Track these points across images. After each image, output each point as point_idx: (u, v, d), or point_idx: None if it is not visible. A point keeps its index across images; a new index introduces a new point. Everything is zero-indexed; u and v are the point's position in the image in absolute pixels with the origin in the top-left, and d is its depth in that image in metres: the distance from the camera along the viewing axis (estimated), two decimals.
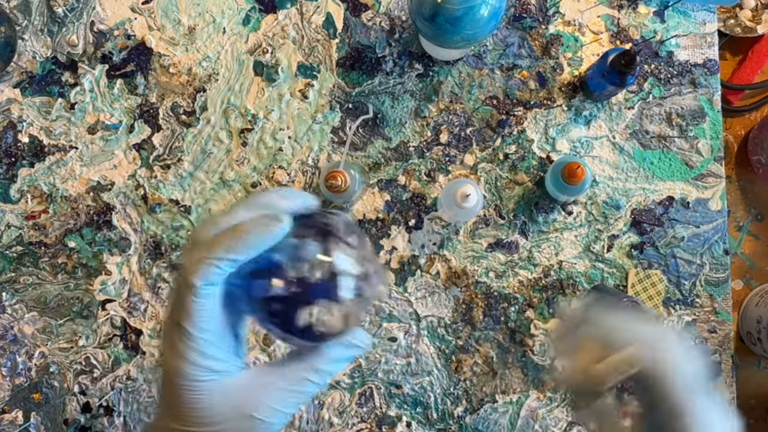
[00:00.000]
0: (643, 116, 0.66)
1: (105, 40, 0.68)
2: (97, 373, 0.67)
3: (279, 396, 0.34)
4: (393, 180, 0.66)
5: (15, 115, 0.68)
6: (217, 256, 0.31)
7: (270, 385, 0.34)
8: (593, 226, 0.66)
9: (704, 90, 0.66)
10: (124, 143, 0.67)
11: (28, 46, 0.68)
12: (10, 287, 0.68)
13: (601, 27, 0.66)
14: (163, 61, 0.67)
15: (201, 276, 0.31)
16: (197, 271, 0.31)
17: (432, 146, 0.66)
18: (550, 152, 0.66)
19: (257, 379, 0.35)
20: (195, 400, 0.33)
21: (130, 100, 0.67)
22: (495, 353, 0.65)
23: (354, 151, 0.66)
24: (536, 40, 0.66)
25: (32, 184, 0.68)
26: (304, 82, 0.67)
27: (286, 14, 0.67)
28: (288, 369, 0.35)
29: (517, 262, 0.66)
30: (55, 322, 0.67)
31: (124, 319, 0.67)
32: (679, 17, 0.66)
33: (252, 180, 0.67)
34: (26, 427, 0.67)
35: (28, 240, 0.67)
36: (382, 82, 0.67)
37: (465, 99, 0.66)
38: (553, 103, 0.66)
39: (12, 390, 0.67)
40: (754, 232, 0.70)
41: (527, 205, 0.66)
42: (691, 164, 0.66)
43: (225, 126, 0.67)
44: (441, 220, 0.66)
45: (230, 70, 0.67)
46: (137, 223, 0.67)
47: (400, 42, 0.67)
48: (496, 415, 0.65)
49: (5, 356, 0.67)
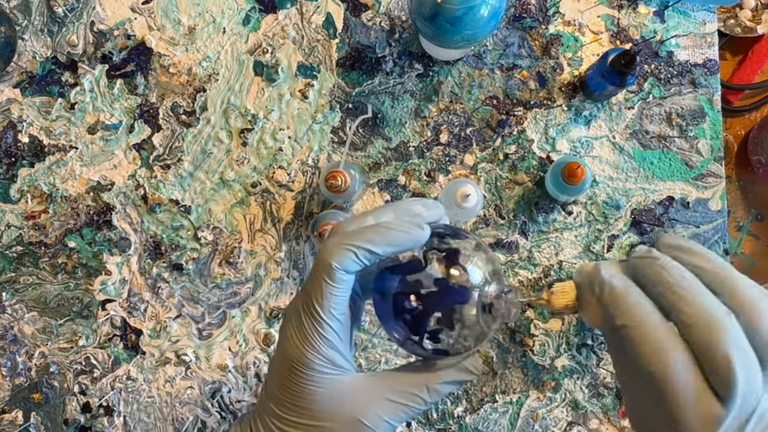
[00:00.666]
0: (643, 116, 0.66)
1: (105, 40, 0.68)
2: (97, 373, 0.67)
3: (389, 407, 0.34)
4: (393, 180, 0.66)
5: (15, 115, 0.68)
6: (356, 243, 0.32)
7: (382, 395, 0.34)
8: (593, 226, 0.66)
9: (704, 90, 0.66)
10: (124, 143, 0.67)
11: (28, 46, 0.68)
12: (10, 287, 0.68)
13: (601, 27, 0.66)
14: (163, 61, 0.67)
15: (338, 260, 0.32)
16: (335, 254, 0.32)
17: (432, 146, 0.66)
18: (550, 152, 0.66)
19: (370, 385, 0.34)
20: (312, 391, 0.33)
21: (130, 100, 0.67)
22: (495, 353, 0.65)
23: (354, 151, 0.66)
24: (536, 40, 0.66)
25: (32, 184, 0.68)
26: (304, 82, 0.67)
27: (286, 14, 0.67)
28: (401, 382, 0.35)
29: (517, 262, 0.66)
30: (55, 322, 0.67)
31: (124, 319, 0.67)
32: (679, 17, 0.66)
33: (252, 180, 0.67)
34: (26, 427, 0.67)
35: (28, 240, 0.67)
36: (382, 82, 0.67)
37: (465, 99, 0.66)
38: (553, 103, 0.66)
39: (12, 390, 0.67)
40: (754, 232, 0.70)
41: (527, 205, 0.66)
42: (691, 164, 0.66)
43: (225, 126, 0.67)
44: None
45: (230, 70, 0.67)
46: (137, 223, 0.67)
47: (400, 42, 0.67)
48: (496, 415, 0.65)
49: (5, 356, 0.67)
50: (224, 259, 0.67)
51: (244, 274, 0.67)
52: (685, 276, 0.28)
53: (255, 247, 0.66)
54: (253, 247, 0.66)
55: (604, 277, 0.29)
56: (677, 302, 0.27)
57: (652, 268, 0.28)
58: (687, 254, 0.29)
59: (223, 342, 0.67)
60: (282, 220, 0.66)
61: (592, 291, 0.30)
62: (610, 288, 0.29)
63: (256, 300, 0.67)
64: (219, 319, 0.67)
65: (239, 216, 0.67)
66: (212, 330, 0.67)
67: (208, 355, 0.67)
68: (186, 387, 0.67)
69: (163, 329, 0.67)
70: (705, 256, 0.28)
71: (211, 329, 0.67)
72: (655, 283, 0.28)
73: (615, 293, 0.28)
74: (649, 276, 0.28)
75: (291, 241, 0.66)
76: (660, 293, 0.28)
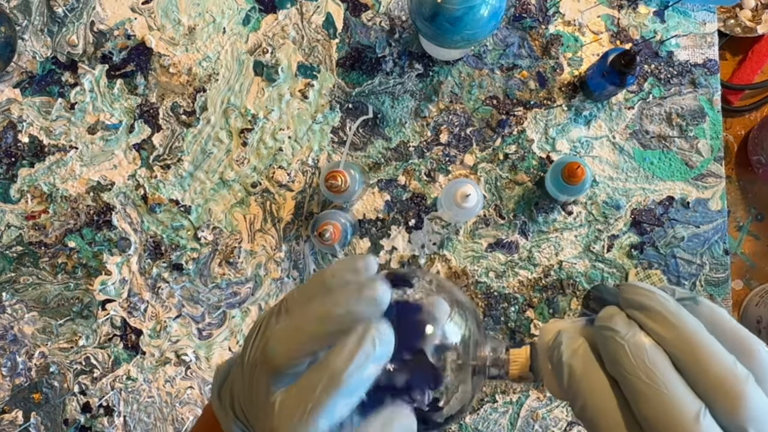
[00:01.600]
0: (643, 116, 0.66)
1: (105, 40, 0.68)
2: (97, 373, 0.67)
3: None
4: (393, 180, 0.66)
5: (15, 115, 0.68)
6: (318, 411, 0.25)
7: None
8: (593, 226, 0.66)
9: (704, 90, 0.66)
10: (124, 143, 0.67)
11: (28, 46, 0.68)
12: (10, 287, 0.68)
13: (601, 27, 0.66)
14: (163, 61, 0.67)
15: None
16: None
17: (432, 146, 0.66)
18: (550, 152, 0.66)
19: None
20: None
21: (130, 100, 0.67)
22: None
23: (354, 151, 0.66)
24: (536, 40, 0.66)
25: (32, 184, 0.68)
26: (304, 82, 0.67)
27: (286, 14, 0.67)
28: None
29: (517, 262, 0.66)
30: (55, 322, 0.67)
31: (124, 319, 0.67)
32: (679, 17, 0.66)
33: (252, 180, 0.67)
34: (26, 427, 0.67)
35: (28, 240, 0.67)
36: (382, 82, 0.67)
37: (465, 99, 0.66)
38: (553, 103, 0.66)
39: (12, 390, 0.67)
40: (754, 232, 0.70)
41: (527, 205, 0.66)
42: (691, 164, 0.66)
43: (225, 126, 0.67)
44: (441, 220, 0.66)
45: (230, 70, 0.67)
46: (137, 223, 0.67)
47: (400, 42, 0.67)
48: (496, 415, 0.65)
49: (5, 356, 0.67)
50: (224, 259, 0.67)
51: (244, 274, 0.67)
52: (645, 362, 0.24)
53: (255, 247, 0.66)
54: (253, 247, 0.66)
55: (563, 356, 0.26)
56: (636, 397, 0.24)
57: (613, 345, 0.25)
58: (650, 318, 0.25)
59: (223, 342, 0.67)
60: (282, 220, 0.66)
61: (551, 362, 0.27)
62: (569, 369, 0.26)
63: (256, 300, 0.67)
64: (219, 319, 0.67)
65: (239, 216, 0.67)
66: (212, 330, 0.67)
67: (208, 355, 0.67)
68: (186, 387, 0.67)
69: (163, 329, 0.67)
70: (670, 321, 0.24)
71: (211, 329, 0.67)
72: (616, 363, 0.25)
73: (574, 376, 0.26)
74: (610, 354, 0.25)
75: (291, 241, 0.66)
76: (620, 377, 0.24)
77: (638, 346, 0.24)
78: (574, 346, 0.26)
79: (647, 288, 0.26)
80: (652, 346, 0.24)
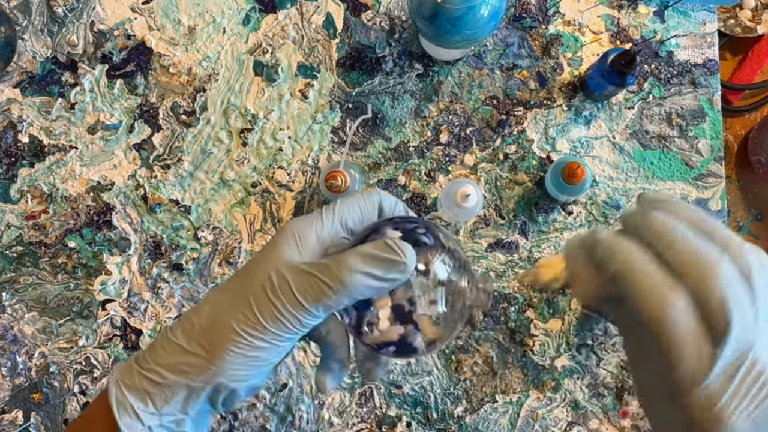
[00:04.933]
0: (643, 116, 0.66)
1: (105, 40, 0.68)
2: (97, 373, 0.67)
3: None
4: (393, 180, 0.66)
5: (15, 115, 0.68)
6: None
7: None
8: (593, 226, 0.66)
9: (704, 90, 0.66)
10: (124, 143, 0.67)
11: (28, 46, 0.68)
12: (10, 287, 0.68)
13: (601, 27, 0.66)
14: (163, 61, 0.67)
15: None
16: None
17: (432, 146, 0.66)
18: (550, 152, 0.66)
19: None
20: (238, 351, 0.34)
21: (130, 100, 0.67)
22: (495, 353, 0.65)
23: (354, 151, 0.66)
24: (536, 40, 0.66)
25: (32, 184, 0.68)
26: (304, 82, 0.67)
27: (286, 14, 0.67)
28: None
29: (517, 262, 0.66)
30: (55, 322, 0.67)
31: (124, 319, 0.67)
32: (679, 17, 0.66)
33: (252, 180, 0.67)
34: (26, 427, 0.67)
35: (28, 240, 0.67)
36: (382, 82, 0.67)
37: (465, 99, 0.66)
38: (553, 103, 0.66)
39: (12, 390, 0.67)
40: (754, 232, 0.70)
41: (527, 205, 0.66)
42: (691, 164, 0.66)
43: (225, 126, 0.67)
44: (441, 220, 0.66)
45: (230, 70, 0.67)
46: (137, 223, 0.67)
47: (400, 42, 0.67)
48: (496, 415, 0.65)
49: (5, 356, 0.67)
50: (224, 259, 0.67)
51: None
52: (674, 223, 0.28)
53: (255, 247, 0.66)
54: (253, 247, 0.66)
55: (598, 236, 0.29)
56: (669, 248, 0.27)
57: (641, 220, 0.29)
58: (672, 207, 0.29)
59: None
60: (282, 220, 0.66)
61: (584, 259, 0.30)
62: (604, 242, 0.29)
63: None
64: None
65: (239, 216, 0.67)
66: None
67: None
68: None
69: (163, 329, 0.67)
70: (690, 207, 0.29)
71: None
72: (646, 234, 0.28)
73: (609, 245, 0.29)
74: (640, 228, 0.29)
75: None
76: (651, 243, 0.28)
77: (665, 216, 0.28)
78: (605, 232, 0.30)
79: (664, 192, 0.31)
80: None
